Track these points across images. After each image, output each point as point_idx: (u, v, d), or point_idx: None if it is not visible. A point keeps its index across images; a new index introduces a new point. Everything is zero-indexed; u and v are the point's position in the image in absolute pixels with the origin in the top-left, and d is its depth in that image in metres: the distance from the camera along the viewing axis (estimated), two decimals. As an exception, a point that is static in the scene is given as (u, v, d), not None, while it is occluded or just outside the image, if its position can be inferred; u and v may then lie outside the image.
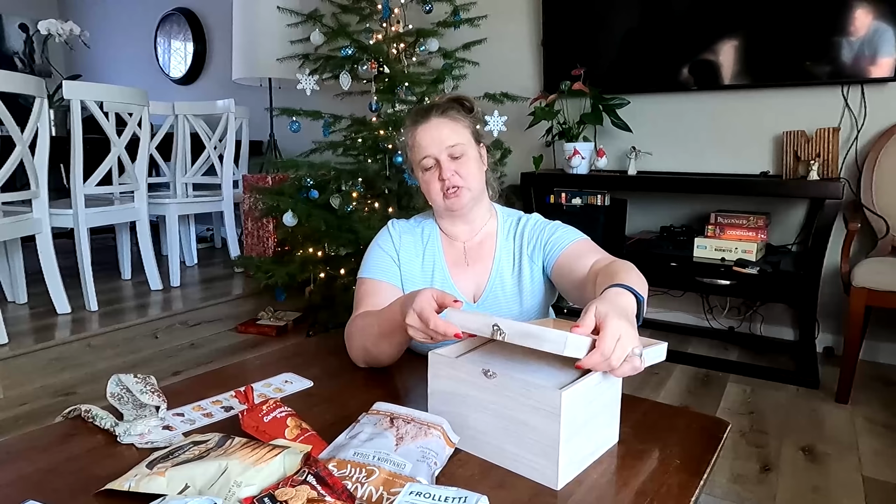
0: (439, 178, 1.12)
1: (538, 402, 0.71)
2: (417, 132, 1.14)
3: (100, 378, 2.18)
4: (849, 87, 2.41)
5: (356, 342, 1.08)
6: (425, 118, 1.14)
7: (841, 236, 2.32)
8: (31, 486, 0.71)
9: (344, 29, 2.54)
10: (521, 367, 0.80)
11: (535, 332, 0.72)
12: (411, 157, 1.17)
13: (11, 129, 2.13)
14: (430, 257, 1.20)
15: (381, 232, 1.23)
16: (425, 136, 1.13)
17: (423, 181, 1.15)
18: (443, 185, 1.12)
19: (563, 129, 2.78)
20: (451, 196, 1.12)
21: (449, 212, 1.17)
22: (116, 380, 0.92)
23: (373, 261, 1.19)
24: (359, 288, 1.18)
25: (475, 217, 1.20)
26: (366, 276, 1.18)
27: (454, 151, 1.12)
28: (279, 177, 3.18)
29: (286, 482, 0.63)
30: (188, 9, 4.49)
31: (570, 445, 0.72)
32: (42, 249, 2.34)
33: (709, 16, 2.58)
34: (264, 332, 2.70)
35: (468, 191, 1.13)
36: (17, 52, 5.04)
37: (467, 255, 1.20)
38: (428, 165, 1.13)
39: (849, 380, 2.08)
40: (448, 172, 1.11)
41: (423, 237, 1.22)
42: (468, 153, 1.14)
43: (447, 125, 1.13)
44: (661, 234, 2.77)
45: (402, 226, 1.23)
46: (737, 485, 1.60)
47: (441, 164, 1.12)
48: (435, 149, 1.12)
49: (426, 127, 1.13)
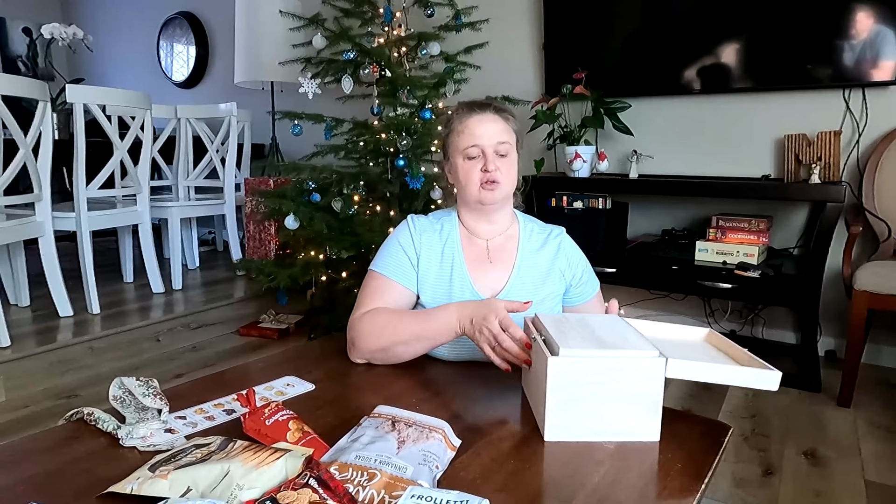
0: (482, 169, 1.14)
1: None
2: (472, 120, 1.15)
3: (102, 381, 2.19)
4: (850, 90, 2.41)
5: (372, 337, 1.08)
6: (483, 110, 1.17)
7: (843, 240, 2.32)
8: (35, 489, 0.71)
9: (346, 33, 2.55)
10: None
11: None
12: (456, 141, 1.17)
13: (15, 132, 2.14)
14: (448, 255, 1.19)
15: (402, 228, 1.22)
16: (479, 126, 1.15)
17: (463, 168, 1.16)
18: (483, 175, 1.14)
19: (564, 132, 2.79)
20: (487, 188, 1.14)
21: (479, 205, 1.17)
22: (119, 383, 0.92)
23: (391, 258, 1.18)
24: (371, 280, 1.17)
25: (500, 218, 1.22)
26: (381, 271, 1.17)
27: (502, 149, 1.15)
28: (281, 180, 3.19)
29: (288, 485, 0.63)
30: (191, 13, 4.51)
31: (563, 405, 0.81)
32: (45, 252, 2.35)
33: (710, 19, 2.59)
34: (266, 334, 2.71)
35: (503, 189, 1.15)
36: (20, 56, 5.06)
37: (490, 254, 1.21)
38: (473, 154, 1.14)
39: (851, 383, 2.08)
40: (492, 165, 1.13)
41: (443, 235, 1.21)
42: (512, 155, 1.17)
43: (500, 123, 1.17)
44: (663, 238, 2.77)
45: (423, 224, 1.22)
46: (739, 489, 1.60)
47: (487, 156, 1.14)
48: (486, 140, 1.14)
49: (482, 118, 1.15)
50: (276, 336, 2.69)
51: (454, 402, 0.96)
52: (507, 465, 0.77)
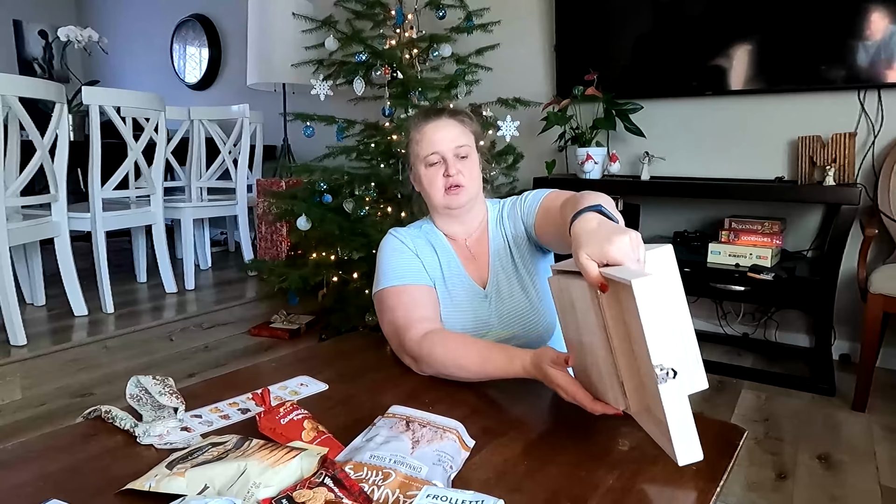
0: (444, 175, 1.15)
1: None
2: (428, 128, 1.17)
3: (116, 379, 2.21)
4: (865, 91, 2.39)
5: (437, 360, 1.03)
6: (437, 116, 1.18)
7: (857, 242, 2.29)
8: (54, 485, 0.72)
9: (358, 35, 2.56)
10: None
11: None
12: (416, 150, 1.18)
13: (32, 134, 2.16)
14: (443, 255, 1.22)
15: (389, 241, 1.21)
16: (436, 133, 1.16)
17: (426, 176, 1.17)
18: (446, 181, 1.15)
19: (575, 133, 2.78)
20: (452, 193, 1.15)
21: (446, 209, 1.19)
22: (135, 381, 0.93)
23: (397, 267, 1.16)
24: (395, 297, 1.13)
25: (471, 218, 1.23)
26: (398, 283, 1.14)
27: (461, 151, 1.16)
28: (293, 181, 3.21)
29: (304, 484, 0.64)
30: (204, 15, 4.54)
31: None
32: (60, 252, 2.38)
33: (722, 20, 2.57)
34: (277, 335, 2.72)
35: (468, 191, 1.16)
36: (36, 58, 5.12)
37: (471, 251, 1.24)
38: (433, 161, 1.16)
39: (865, 387, 2.06)
40: (453, 169, 1.14)
41: (430, 237, 1.24)
42: (472, 156, 1.18)
43: (457, 126, 1.18)
44: (675, 240, 2.75)
45: (406, 231, 1.24)
46: (752, 492, 1.59)
47: (447, 162, 1.15)
48: (444, 146, 1.15)
49: (438, 125, 1.17)
50: (287, 336, 2.70)
51: (467, 403, 0.96)
52: (521, 467, 0.77)
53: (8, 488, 0.72)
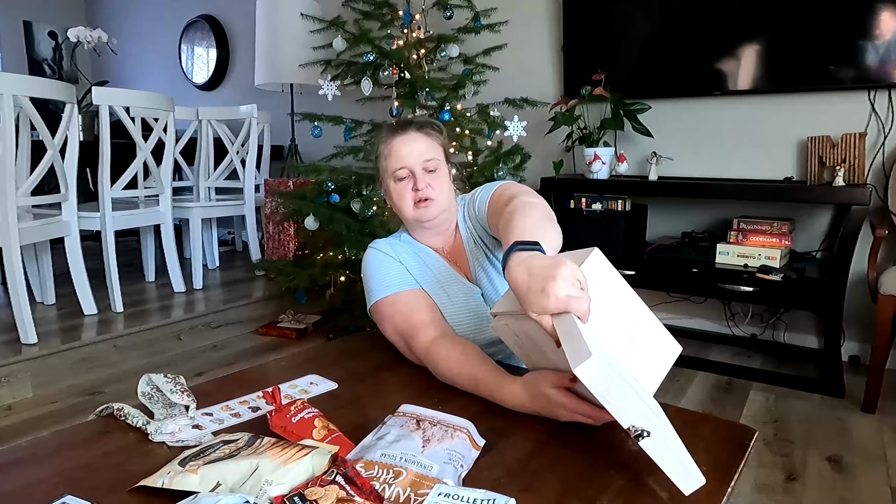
0: (413, 189, 1.14)
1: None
2: (395, 142, 1.16)
3: (125, 378, 2.22)
4: (875, 91, 2.37)
5: (441, 375, 1.04)
6: (404, 130, 1.17)
7: (868, 243, 2.28)
8: (68, 482, 0.72)
9: (366, 35, 2.56)
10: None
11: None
12: (385, 165, 1.17)
13: (43, 134, 2.18)
14: (427, 259, 1.21)
15: (369, 254, 1.21)
16: (403, 147, 1.15)
17: (395, 191, 1.16)
18: (415, 195, 1.14)
19: (583, 134, 2.77)
20: (422, 206, 1.14)
21: (418, 223, 1.18)
22: (147, 379, 0.94)
23: (385, 277, 1.16)
24: (391, 306, 1.13)
25: (445, 229, 1.23)
26: (390, 292, 1.14)
27: (429, 165, 1.15)
28: (300, 181, 3.22)
29: (315, 482, 0.64)
30: (212, 16, 4.57)
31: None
32: (70, 252, 2.39)
33: (731, 20, 2.56)
34: (285, 334, 2.73)
35: (438, 204, 1.15)
36: (45, 59, 5.16)
37: (450, 256, 1.23)
38: (402, 176, 1.15)
39: (876, 389, 2.04)
40: (422, 184, 1.13)
41: (412, 247, 1.23)
42: (441, 169, 1.17)
43: (424, 140, 1.16)
44: (683, 240, 2.74)
45: (385, 242, 1.23)
46: (762, 494, 1.58)
47: (416, 176, 1.14)
48: (413, 160, 1.14)
49: (405, 139, 1.16)
50: (294, 336, 2.71)
51: (477, 402, 0.96)
52: (531, 466, 0.77)
53: (23, 485, 0.73)
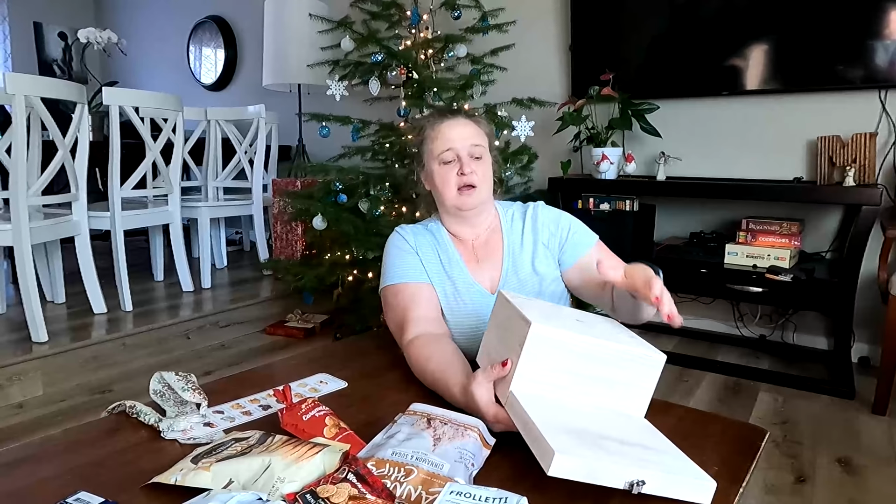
0: (458, 173, 1.14)
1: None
2: (444, 125, 1.17)
3: (134, 376, 2.24)
4: (886, 91, 2.35)
5: (413, 368, 1.06)
6: (454, 115, 1.19)
7: (878, 244, 2.26)
8: (82, 479, 0.73)
9: (373, 35, 2.57)
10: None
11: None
12: (430, 148, 1.18)
13: (55, 134, 2.20)
14: (445, 254, 1.21)
15: (394, 238, 1.23)
16: (452, 131, 1.16)
17: (439, 174, 1.16)
18: (459, 179, 1.14)
19: (591, 134, 2.77)
20: (465, 193, 1.15)
21: (457, 209, 1.18)
22: (159, 377, 0.94)
23: (399, 265, 1.19)
24: (394, 296, 1.16)
25: (480, 221, 1.23)
26: (398, 281, 1.17)
27: (476, 151, 1.16)
28: (308, 181, 3.23)
29: (327, 479, 0.64)
30: (220, 16, 4.59)
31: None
32: (80, 251, 2.41)
33: (739, 20, 2.55)
34: (292, 334, 2.74)
35: (480, 192, 1.16)
36: (55, 60, 5.20)
37: (477, 253, 1.22)
38: (448, 159, 1.15)
39: (886, 391, 2.03)
40: (468, 168, 1.14)
41: (435, 236, 1.23)
42: (486, 157, 1.18)
43: (472, 126, 1.18)
44: (691, 241, 2.73)
45: (411, 228, 1.25)
46: (770, 495, 1.57)
47: (462, 160, 1.14)
48: (460, 143, 1.15)
49: (454, 123, 1.17)
50: (301, 335, 2.71)
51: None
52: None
53: (37, 481, 0.73)
